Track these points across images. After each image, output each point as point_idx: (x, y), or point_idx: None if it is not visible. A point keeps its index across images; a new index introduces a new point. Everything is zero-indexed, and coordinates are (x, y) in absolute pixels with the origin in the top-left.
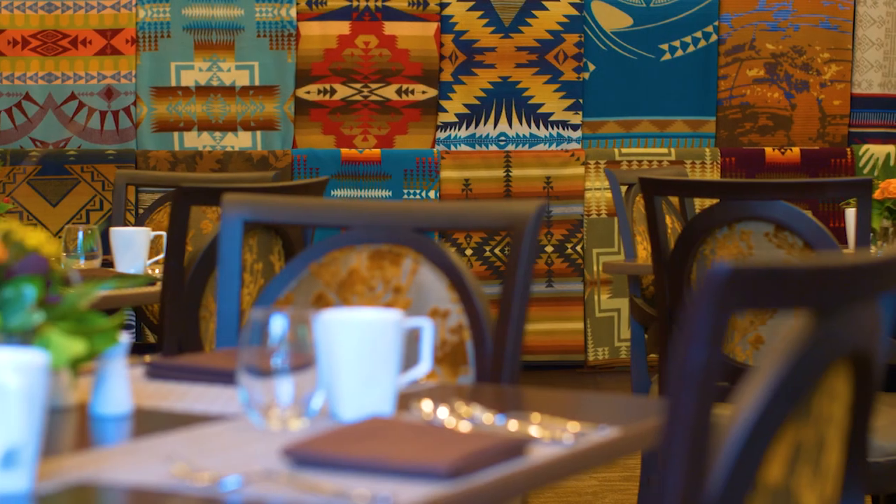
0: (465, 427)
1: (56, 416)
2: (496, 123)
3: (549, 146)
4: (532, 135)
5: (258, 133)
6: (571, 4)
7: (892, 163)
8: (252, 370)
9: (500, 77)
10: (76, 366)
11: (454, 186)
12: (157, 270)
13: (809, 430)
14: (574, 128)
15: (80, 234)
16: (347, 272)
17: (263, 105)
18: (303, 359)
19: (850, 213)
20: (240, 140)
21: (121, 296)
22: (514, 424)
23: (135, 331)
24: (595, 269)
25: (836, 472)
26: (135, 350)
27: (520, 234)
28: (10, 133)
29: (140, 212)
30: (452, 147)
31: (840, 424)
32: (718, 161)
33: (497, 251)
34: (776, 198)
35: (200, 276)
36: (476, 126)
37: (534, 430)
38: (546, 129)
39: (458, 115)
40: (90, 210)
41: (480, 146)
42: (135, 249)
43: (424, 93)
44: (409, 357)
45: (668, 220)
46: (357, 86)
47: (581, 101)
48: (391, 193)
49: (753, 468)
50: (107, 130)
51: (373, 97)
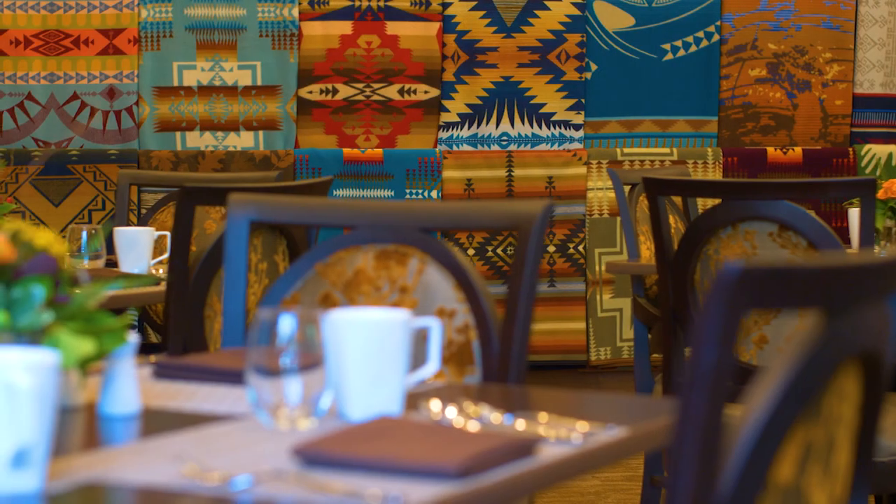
0: (474, 427)
1: (65, 416)
2: (498, 123)
3: (552, 146)
4: (534, 135)
5: (260, 133)
6: (573, 4)
7: (894, 163)
8: (261, 370)
9: (503, 77)
10: (85, 365)
11: (456, 186)
12: (161, 270)
13: (819, 430)
14: (576, 128)
15: (84, 234)
16: (353, 272)
17: (266, 105)
18: (311, 358)
19: (854, 213)
20: (242, 140)
21: (126, 296)
22: (523, 424)
23: (138, 330)
24: (597, 269)
25: (846, 472)
26: (139, 350)
27: (526, 234)
28: (13, 133)
29: (142, 212)
30: (455, 147)
31: (849, 424)
32: (720, 161)
33: (499, 251)
34: (780, 198)
35: (205, 276)
36: (478, 126)
37: (542, 430)
38: (548, 129)
39: (461, 115)
40: (92, 210)
41: (483, 146)
42: (138, 249)
43: (427, 93)
44: (417, 357)
45: (672, 220)
46: (359, 86)
47: (583, 101)
48: (393, 193)
49: (764, 468)
50: (109, 130)
51: (375, 97)
